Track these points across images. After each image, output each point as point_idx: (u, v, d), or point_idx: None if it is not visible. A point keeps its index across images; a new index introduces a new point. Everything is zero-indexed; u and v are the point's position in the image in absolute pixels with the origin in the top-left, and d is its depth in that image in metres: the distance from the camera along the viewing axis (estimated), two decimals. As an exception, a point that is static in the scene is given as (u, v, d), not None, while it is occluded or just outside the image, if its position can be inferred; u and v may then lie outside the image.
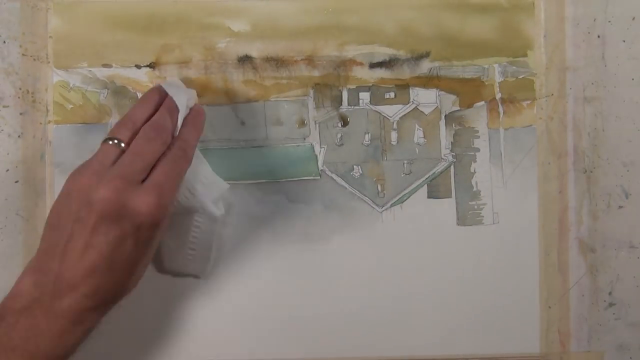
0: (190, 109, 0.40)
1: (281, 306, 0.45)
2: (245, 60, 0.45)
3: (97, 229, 0.34)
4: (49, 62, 0.44)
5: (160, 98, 0.40)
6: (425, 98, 0.45)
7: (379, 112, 0.45)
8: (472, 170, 0.46)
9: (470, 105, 0.46)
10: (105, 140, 0.37)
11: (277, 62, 0.45)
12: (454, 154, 0.46)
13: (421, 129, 0.46)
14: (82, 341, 0.35)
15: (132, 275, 0.36)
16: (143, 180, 0.35)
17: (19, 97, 0.44)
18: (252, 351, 0.45)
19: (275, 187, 0.45)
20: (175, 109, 0.39)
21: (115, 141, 0.36)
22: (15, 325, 0.34)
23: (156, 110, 0.39)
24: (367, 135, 0.45)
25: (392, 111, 0.45)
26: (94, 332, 0.36)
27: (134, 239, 0.35)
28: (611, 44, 0.45)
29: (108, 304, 0.36)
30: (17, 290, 0.35)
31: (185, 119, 0.39)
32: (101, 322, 0.36)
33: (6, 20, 0.44)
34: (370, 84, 0.45)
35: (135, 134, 0.37)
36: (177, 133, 0.38)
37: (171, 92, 0.40)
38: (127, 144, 0.36)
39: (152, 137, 0.37)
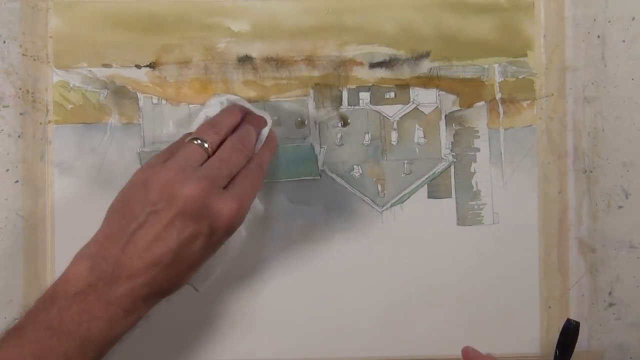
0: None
1: (281, 306, 0.45)
2: (245, 60, 0.45)
3: (172, 223, 0.34)
4: (49, 62, 0.44)
5: (244, 112, 0.41)
6: (425, 98, 0.45)
7: (379, 112, 0.45)
8: (472, 170, 0.46)
9: (470, 105, 0.46)
10: (192, 140, 0.37)
11: (277, 62, 0.45)
12: (454, 154, 0.46)
13: (421, 129, 0.46)
14: (131, 329, 0.36)
15: (190, 272, 0.37)
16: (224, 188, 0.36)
17: (19, 97, 0.44)
18: (252, 351, 0.45)
19: (276, 187, 0.45)
20: (259, 126, 0.40)
21: (200, 142, 0.37)
22: (68, 310, 0.34)
23: (239, 122, 0.40)
24: (367, 135, 0.45)
25: (392, 111, 0.45)
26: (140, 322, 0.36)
27: (205, 240, 0.35)
28: (611, 44, 0.46)
29: (160, 296, 0.36)
30: (72, 273, 0.35)
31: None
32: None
33: (6, 20, 0.44)
34: (370, 84, 0.45)
35: (221, 140, 0.38)
36: (257, 150, 0.40)
37: (256, 110, 0.41)
38: (213, 150, 0.37)
39: (239, 148, 0.38)
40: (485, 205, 0.46)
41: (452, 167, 0.46)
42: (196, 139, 0.37)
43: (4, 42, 0.44)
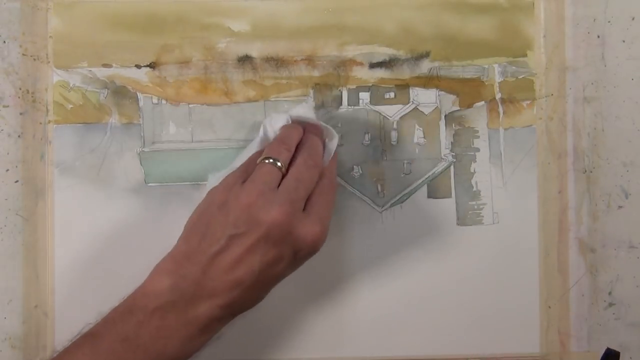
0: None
1: (281, 306, 0.45)
2: (245, 60, 0.45)
3: (255, 247, 0.35)
4: (49, 62, 0.44)
5: (304, 124, 0.41)
6: (425, 98, 0.45)
7: (379, 112, 0.45)
8: (472, 170, 0.46)
9: (470, 105, 0.46)
10: (264, 160, 0.37)
11: (277, 62, 0.45)
12: (454, 154, 0.46)
13: (421, 129, 0.46)
14: (202, 347, 0.36)
15: (268, 291, 0.37)
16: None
17: (19, 97, 0.44)
18: (252, 351, 0.45)
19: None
20: (321, 136, 0.40)
21: (274, 162, 0.37)
22: (147, 325, 0.34)
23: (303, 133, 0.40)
24: (367, 135, 0.45)
25: (392, 111, 0.45)
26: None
27: (287, 263, 0.36)
28: (611, 44, 0.46)
29: (235, 315, 0.37)
30: (152, 289, 0.35)
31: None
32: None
33: (6, 20, 0.44)
34: (370, 84, 0.45)
35: (291, 156, 0.38)
36: (326, 163, 0.39)
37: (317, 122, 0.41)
38: (286, 168, 0.37)
39: (311, 165, 0.38)
40: (485, 205, 0.46)
41: (452, 167, 0.46)
42: (269, 158, 0.37)
43: (4, 42, 0.44)
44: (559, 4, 0.45)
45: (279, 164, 0.37)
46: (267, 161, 0.37)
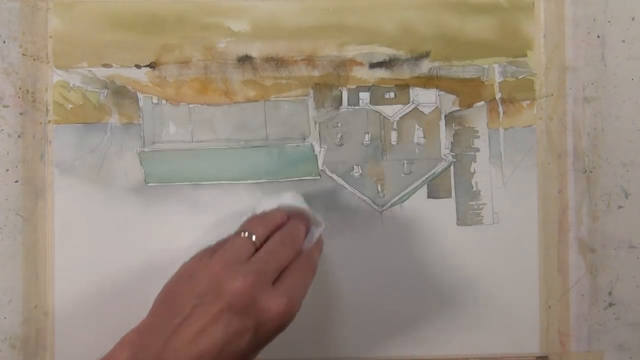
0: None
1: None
2: (245, 60, 0.45)
3: (219, 317, 0.34)
4: (49, 62, 0.44)
5: (291, 213, 0.40)
6: (425, 98, 0.45)
7: (379, 112, 0.45)
8: (472, 170, 0.46)
9: (470, 105, 0.46)
10: (240, 232, 0.37)
11: (277, 62, 0.45)
12: (453, 154, 0.46)
13: (421, 129, 0.46)
14: None
15: None
16: (273, 283, 0.36)
17: (19, 97, 0.44)
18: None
19: (275, 187, 0.45)
20: (306, 223, 0.40)
21: (249, 235, 0.37)
22: None
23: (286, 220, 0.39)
24: (367, 135, 0.45)
25: (392, 111, 0.45)
26: None
27: (252, 336, 0.35)
28: (611, 44, 0.46)
29: None
30: None
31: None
32: None
33: (6, 20, 0.44)
34: (370, 84, 0.45)
35: (268, 233, 0.37)
36: (305, 247, 0.39)
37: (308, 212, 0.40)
38: (261, 243, 0.37)
39: (286, 242, 0.37)
40: (485, 205, 0.46)
41: (452, 167, 0.46)
42: (244, 231, 0.37)
43: (4, 42, 0.44)
44: (559, 4, 0.45)
45: (253, 238, 0.37)
46: (241, 234, 0.37)
